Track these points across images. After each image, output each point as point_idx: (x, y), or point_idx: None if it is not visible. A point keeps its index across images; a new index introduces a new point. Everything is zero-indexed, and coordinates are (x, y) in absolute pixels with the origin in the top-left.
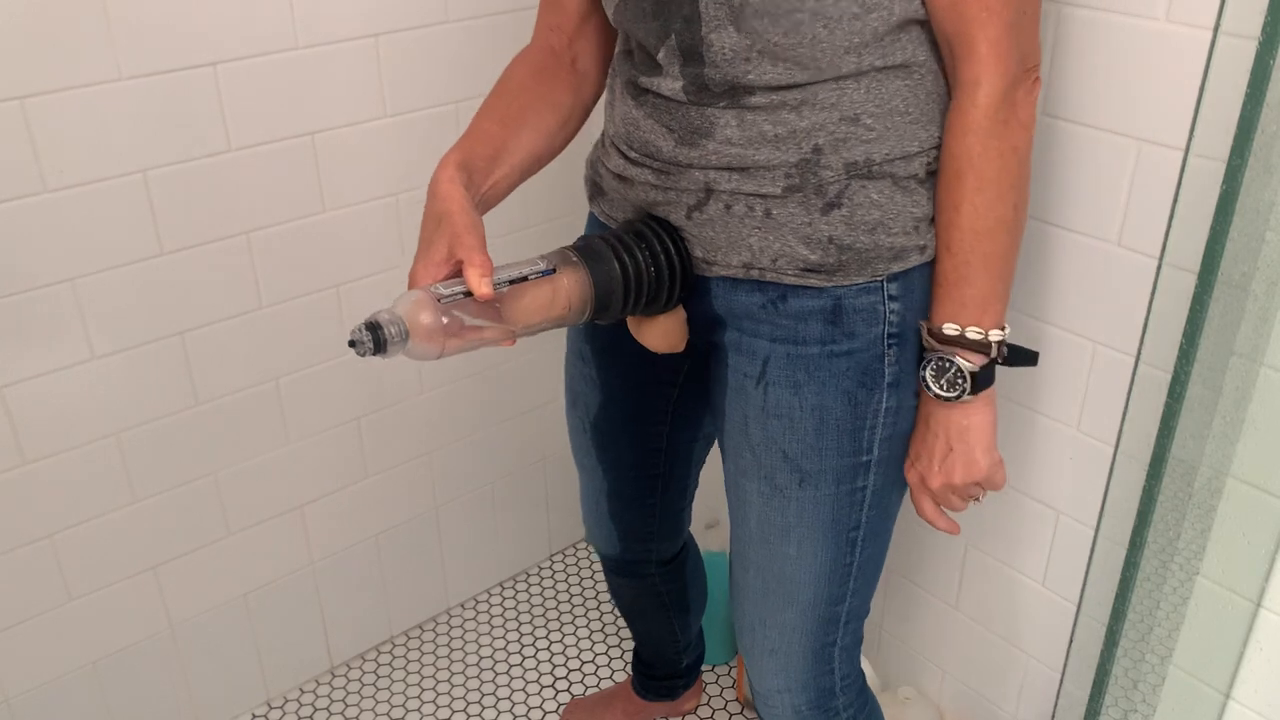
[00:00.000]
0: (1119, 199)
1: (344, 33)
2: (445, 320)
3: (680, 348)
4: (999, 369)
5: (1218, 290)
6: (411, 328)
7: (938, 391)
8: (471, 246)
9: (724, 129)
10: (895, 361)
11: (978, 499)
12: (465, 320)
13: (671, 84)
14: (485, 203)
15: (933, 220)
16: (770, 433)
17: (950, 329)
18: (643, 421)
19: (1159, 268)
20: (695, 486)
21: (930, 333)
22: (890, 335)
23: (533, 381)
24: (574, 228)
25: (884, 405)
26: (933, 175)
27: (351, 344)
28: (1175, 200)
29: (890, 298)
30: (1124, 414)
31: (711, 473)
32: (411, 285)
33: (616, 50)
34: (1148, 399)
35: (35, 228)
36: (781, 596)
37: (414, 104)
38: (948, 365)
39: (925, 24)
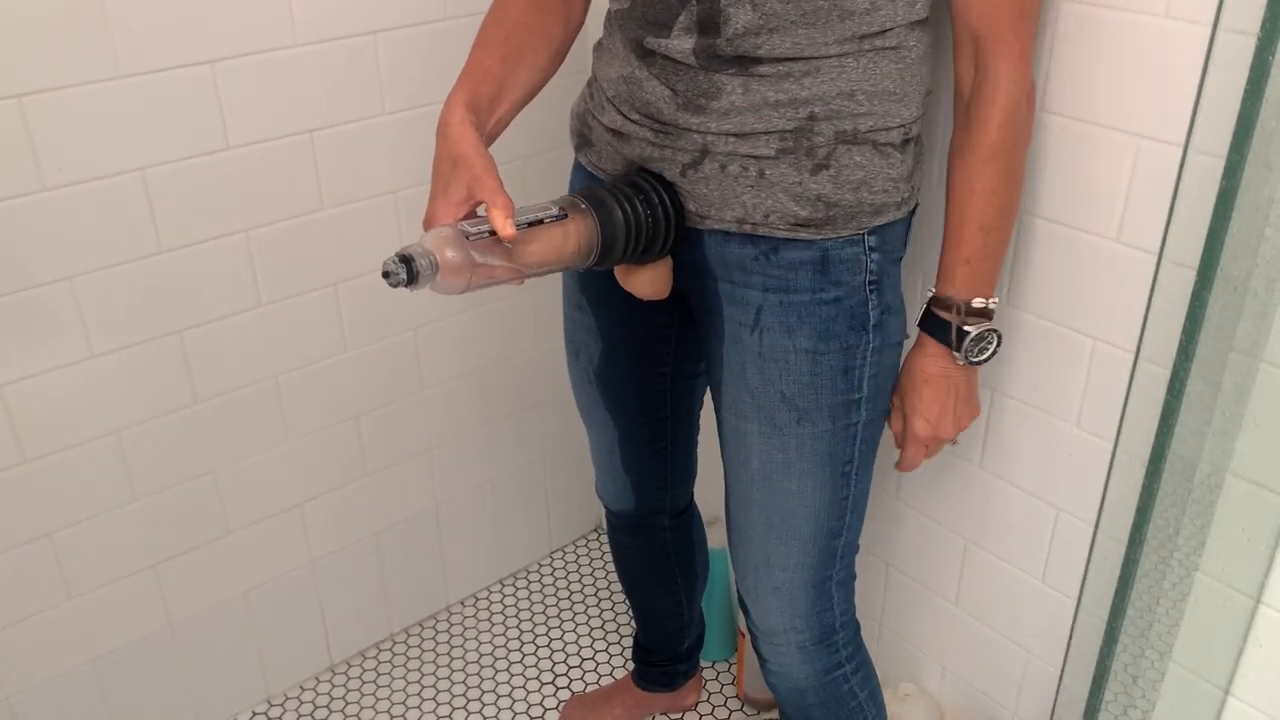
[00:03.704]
0: (1118, 195)
1: (343, 30)
2: (471, 257)
3: (665, 295)
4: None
5: (1217, 286)
6: (440, 262)
7: (974, 360)
8: (493, 188)
9: (729, 95)
10: (877, 305)
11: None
12: (484, 259)
13: (681, 47)
14: (488, 140)
15: (908, 179)
16: (767, 375)
17: (979, 302)
18: (646, 365)
19: (1158, 264)
20: (699, 429)
21: (962, 309)
22: (871, 282)
23: (532, 379)
24: (552, 165)
25: (870, 345)
26: (908, 142)
27: (385, 275)
28: (1174, 196)
29: (871, 249)
30: (1123, 410)
31: (708, 470)
32: (429, 225)
33: (612, 8)
34: (1147, 395)
35: (33, 226)
36: (784, 532)
37: (413, 101)
38: (988, 337)
39: (924, 21)
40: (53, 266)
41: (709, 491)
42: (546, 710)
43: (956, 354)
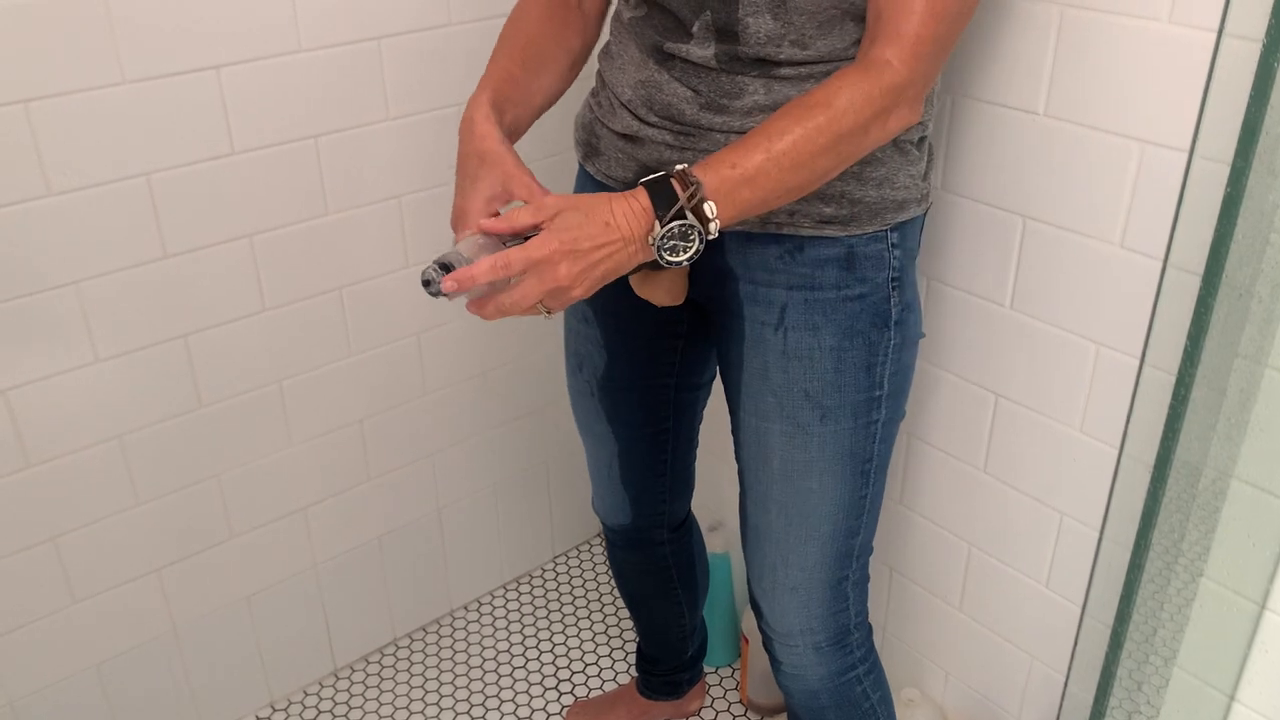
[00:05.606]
0: (1122, 201)
1: (347, 36)
2: None
3: (680, 301)
4: None
5: (1222, 292)
6: None
7: (661, 249)
8: (528, 184)
9: (752, 94)
10: (899, 302)
11: (547, 313)
12: None
13: (702, 52)
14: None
15: (925, 176)
16: (791, 375)
17: (710, 208)
18: (650, 377)
19: (1163, 270)
20: (698, 442)
21: (696, 195)
22: (894, 279)
23: (535, 383)
24: (554, 168)
25: (892, 342)
26: (923, 140)
27: (425, 283)
28: (1179, 202)
29: (894, 245)
30: (1128, 416)
31: (708, 474)
32: (459, 221)
33: (626, 16)
34: (1152, 401)
35: (39, 231)
36: (804, 531)
37: (417, 107)
38: (692, 237)
39: None
40: (58, 271)
41: (708, 496)
42: (550, 716)
43: (657, 226)
